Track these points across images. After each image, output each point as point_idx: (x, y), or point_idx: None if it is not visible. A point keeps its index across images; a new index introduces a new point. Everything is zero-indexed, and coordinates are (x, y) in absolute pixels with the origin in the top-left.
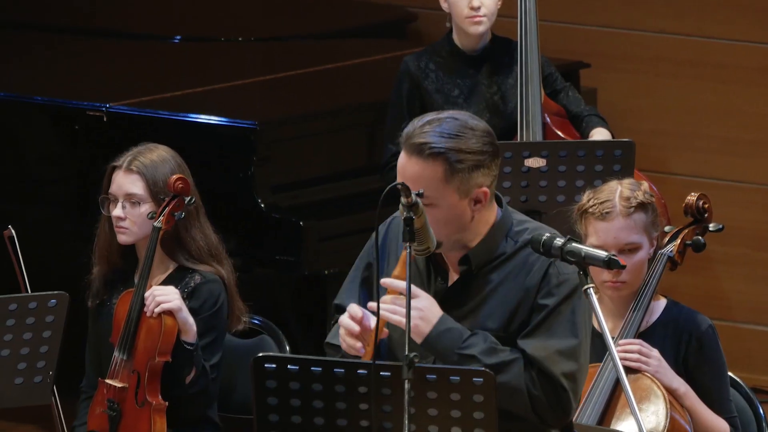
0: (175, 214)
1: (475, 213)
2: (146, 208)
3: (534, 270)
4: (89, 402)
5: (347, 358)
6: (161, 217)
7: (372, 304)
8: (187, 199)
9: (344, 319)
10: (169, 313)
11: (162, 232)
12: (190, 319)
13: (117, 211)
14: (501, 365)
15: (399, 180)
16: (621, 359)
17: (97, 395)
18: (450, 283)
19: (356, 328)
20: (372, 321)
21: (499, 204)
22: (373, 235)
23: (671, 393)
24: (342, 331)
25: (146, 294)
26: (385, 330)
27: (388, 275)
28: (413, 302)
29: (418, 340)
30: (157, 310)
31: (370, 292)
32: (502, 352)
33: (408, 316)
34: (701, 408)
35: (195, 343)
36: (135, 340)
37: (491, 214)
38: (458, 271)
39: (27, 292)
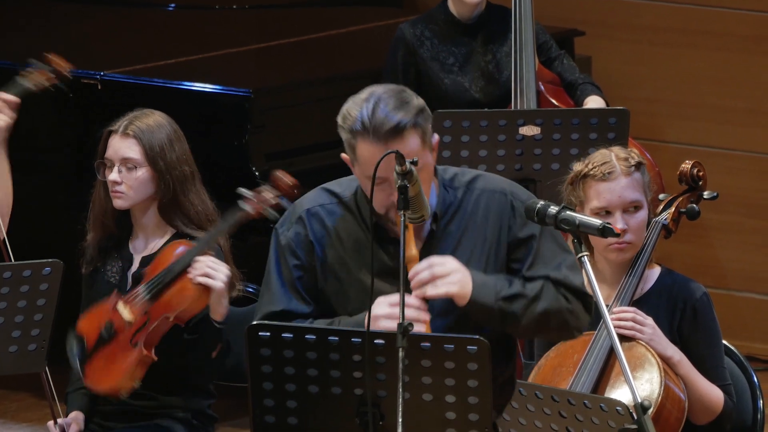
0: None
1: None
2: (142, 172)
3: (495, 209)
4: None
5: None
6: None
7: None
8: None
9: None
10: (208, 288)
11: None
12: (224, 304)
13: (113, 176)
14: (539, 293)
15: (380, 173)
16: (615, 327)
17: (103, 306)
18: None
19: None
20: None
21: None
22: (281, 236)
23: (665, 361)
24: (387, 310)
25: (200, 258)
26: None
27: (336, 264)
28: (447, 268)
29: (464, 302)
30: (200, 279)
31: (310, 288)
32: (527, 283)
33: (402, 284)
34: (696, 376)
35: (222, 322)
36: (165, 290)
37: None
38: (420, 234)
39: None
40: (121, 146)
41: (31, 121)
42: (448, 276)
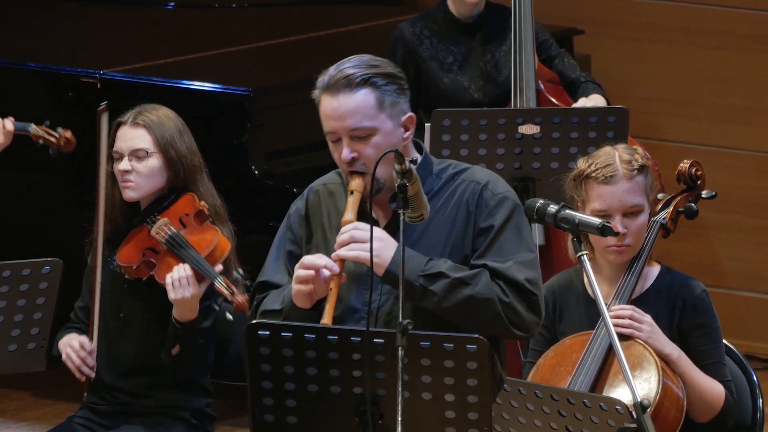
0: None
1: (405, 142)
2: (153, 161)
3: (466, 197)
4: (69, 332)
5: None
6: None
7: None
8: None
9: (300, 271)
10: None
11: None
12: (184, 309)
13: (123, 165)
14: (468, 278)
15: (332, 125)
16: (613, 325)
17: (177, 210)
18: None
19: (310, 273)
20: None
21: (420, 151)
22: (290, 210)
23: (664, 359)
24: (297, 286)
25: (181, 267)
26: (344, 275)
27: (320, 241)
28: (366, 235)
29: (380, 272)
30: (167, 279)
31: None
32: (465, 269)
33: (401, 278)
34: (696, 373)
35: (185, 325)
36: (168, 258)
37: (413, 152)
38: (388, 213)
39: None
40: (132, 136)
41: (31, 118)
42: (366, 243)
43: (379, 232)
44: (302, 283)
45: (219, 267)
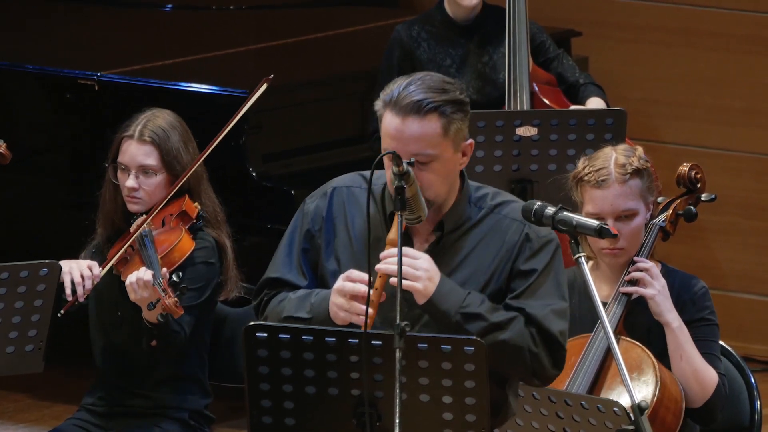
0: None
1: (461, 168)
2: (160, 178)
3: (510, 234)
4: None
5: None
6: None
7: (365, 276)
8: None
9: (347, 284)
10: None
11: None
12: (145, 310)
13: (131, 182)
14: (504, 323)
15: (392, 144)
16: (627, 272)
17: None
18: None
19: (363, 289)
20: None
21: (461, 176)
22: (306, 205)
23: (664, 324)
24: (341, 301)
25: (140, 270)
26: (384, 293)
27: (341, 247)
28: (417, 263)
29: (422, 300)
30: (127, 285)
31: (312, 263)
32: (502, 310)
33: (399, 282)
34: (692, 349)
35: (155, 325)
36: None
37: (458, 179)
38: (429, 239)
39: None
40: (138, 153)
41: (28, 120)
42: (414, 272)
43: (426, 262)
44: (350, 312)
45: (164, 270)
